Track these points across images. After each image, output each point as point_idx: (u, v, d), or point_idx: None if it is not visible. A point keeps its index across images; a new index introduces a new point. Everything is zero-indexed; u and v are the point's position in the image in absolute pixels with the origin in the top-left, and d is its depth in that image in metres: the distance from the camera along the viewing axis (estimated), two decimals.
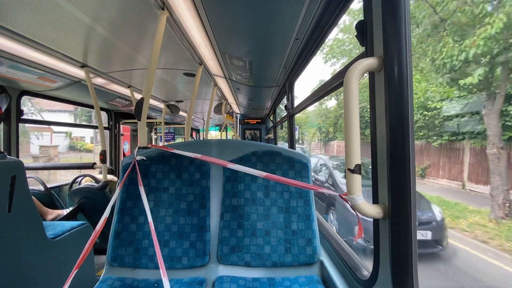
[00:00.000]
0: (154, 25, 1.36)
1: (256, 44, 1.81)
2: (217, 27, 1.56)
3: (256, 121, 7.22)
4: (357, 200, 0.73)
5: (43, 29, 1.46)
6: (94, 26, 1.45)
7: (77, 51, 1.82)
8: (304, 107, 2.13)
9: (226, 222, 1.31)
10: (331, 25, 1.32)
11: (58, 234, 1.74)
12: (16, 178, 1.37)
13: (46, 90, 2.53)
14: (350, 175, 0.72)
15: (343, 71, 1.08)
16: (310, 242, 1.27)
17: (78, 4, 1.22)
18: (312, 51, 1.71)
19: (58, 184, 3.21)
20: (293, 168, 1.36)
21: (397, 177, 0.70)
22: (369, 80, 0.79)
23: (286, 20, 1.40)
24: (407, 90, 0.68)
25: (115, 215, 1.30)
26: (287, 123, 2.77)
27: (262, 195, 1.34)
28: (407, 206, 0.68)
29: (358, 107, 0.71)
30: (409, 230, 0.69)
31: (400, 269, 0.70)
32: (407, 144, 0.68)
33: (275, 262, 1.25)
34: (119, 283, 1.16)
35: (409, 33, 0.68)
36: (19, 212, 1.40)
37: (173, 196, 1.35)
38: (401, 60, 0.68)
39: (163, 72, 2.52)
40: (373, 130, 0.78)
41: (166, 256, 1.25)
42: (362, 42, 0.84)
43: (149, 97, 1.45)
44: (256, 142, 1.52)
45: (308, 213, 1.30)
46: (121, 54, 1.94)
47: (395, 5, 0.68)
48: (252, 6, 1.28)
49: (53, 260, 1.64)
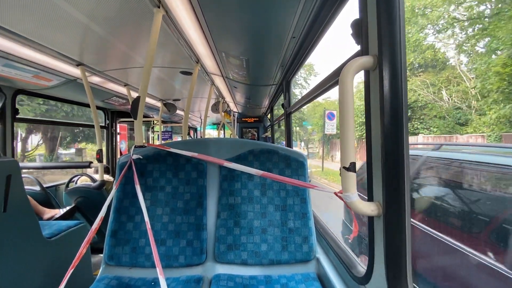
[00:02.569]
0: (150, 23, 1.35)
1: (252, 42, 1.81)
2: (214, 25, 1.55)
3: (254, 119, 7.22)
4: (352, 198, 0.73)
5: (38, 27, 1.44)
6: (89, 24, 1.43)
7: (72, 49, 1.81)
8: (300, 106, 2.13)
9: (222, 220, 1.32)
10: (327, 23, 1.32)
11: (55, 233, 1.73)
12: (11, 178, 1.36)
13: (41, 88, 2.51)
14: (345, 173, 0.72)
15: (338, 69, 1.08)
16: (307, 239, 1.28)
17: (73, 2, 1.21)
18: (309, 50, 1.71)
19: (54, 184, 3.19)
20: (290, 167, 1.36)
21: (391, 175, 0.70)
22: (364, 78, 0.80)
23: (283, 19, 1.40)
24: (401, 89, 0.68)
25: (111, 214, 1.30)
26: (285, 121, 2.78)
27: (259, 194, 1.34)
28: (401, 204, 0.69)
29: (353, 106, 0.72)
30: (403, 227, 0.69)
31: (394, 265, 0.71)
32: (401, 142, 0.69)
33: (271, 259, 1.26)
34: (116, 282, 1.16)
35: (403, 32, 0.68)
36: (15, 211, 1.39)
37: (169, 195, 1.35)
38: (395, 59, 0.68)
39: (159, 70, 2.50)
40: (368, 128, 0.79)
41: (163, 255, 1.25)
42: (357, 40, 0.84)
43: (145, 96, 1.45)
44: (253, 141, 1.53)
45: (305, 211, 1.31)
46: (117, 52, 1.92)
47: (390, 3, 0.68)
48: (248, 4, 1.28)
49: (49, 259, 1.64)
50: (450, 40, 14.03)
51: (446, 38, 14.12)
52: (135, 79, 2.69)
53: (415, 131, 13.39)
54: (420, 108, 14.06)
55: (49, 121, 3.22)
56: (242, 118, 7.21)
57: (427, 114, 13.70)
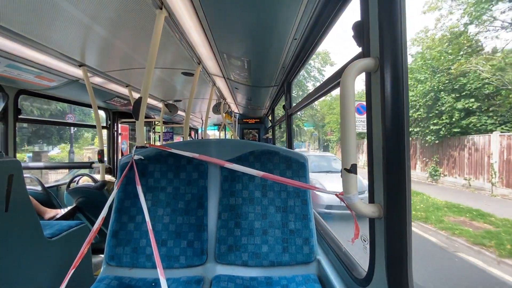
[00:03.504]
0: (152, 24, 1.36)
1: (254, 44, 1.82)
2: (216, 27, 1.56)
3: (255, 120, 7.23)
4: (353, 199, 0.73)
5: (41, 28, 1.45)
6: (92, 25, 1.44)
7: (75, 50, 1.82)
8: (302, 107, 2.13)
9: (223, 221, 1.32)
10: (329, 25, 1.32)
11: (56, 233, 1.73)
12: (13, 178, 1.36)
13: (44, 89, 2.52)
14: (346, 174, 0.72)
15: (340, 71, 1.09)
16: (307, 241, 1.27)
17: (76, 3, 1.22)
18: (310, 52, 1.72)
19: (56, 184, 3.20)
20: (291, 168, 1.36)
21: (392, 177, 0.70)
22: (365, 80, 0.80)
23: (284, 20, 1.40)
24: (403, 91, 0.68)
25: (112, 215, 1.30)
26: (285, 123, 2.78)
27: (260, 195, 1.34)
28: (403, 206, 0.69)
29: (354, 107, 0.72)
30: (404, 229, 0.69)
31: (395, 267, 0.71)
32: (402, 144, 0.69)
33: (272, 261, 1.26)
34: (116, 282, 1.16)
35: (405, 34, 0.69)
36: (16, 211, 1.40)
37: (170, 195, 1.35)
38: (396, 61, 0.68)
39: (161, 71, 2.51)
40: (369, 130, 0.79)
41: (164, 255, 1.25)
42: (358, 42, 0.84)
43: (147, 97, 1.45)
44: (254, 142, 1.53)
45: (306, 212, 1.31)
46: (119, 53, 1.93)
47: (391, 6, 0.68)
48: (250, 6, 1.29)
49: (50, 259, 1.64)
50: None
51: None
52: (137, 80, 2.70)
53: (482, 127, 9.82)
54: (487, 97, 10.27)
55: (51, 121, 3.24)
56: (243, 119, 7.22)
57: (501, 104, 9.84)
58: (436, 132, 11.24)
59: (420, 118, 12.13)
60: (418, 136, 12.33)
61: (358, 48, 0.86)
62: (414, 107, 12.22)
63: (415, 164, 12.63)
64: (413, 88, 12.28)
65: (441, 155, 11.21)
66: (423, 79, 12.15)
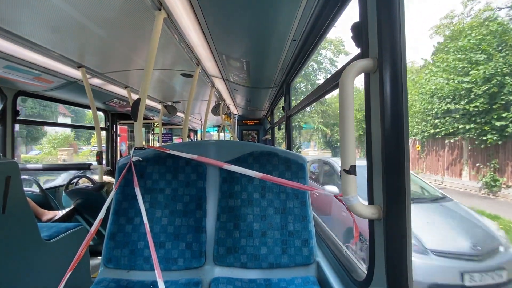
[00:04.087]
0: (151, 25, 1.36)
1: (253, 45, 1.82)
2: (214, 28, 1.56)
3: (254, 122, 7.23)
4: (352, 201, 0.73)
5: (40, 29, 1.45)
6: (91, 27, 1.44)
7: (73, 51, 1.82)
8: (301, 108, 2.13)
9: (222, 223, 1.31)
10: (328, 26, 1.32)
11: (53, 235, 1.72)
12: (10, 179, 1.35)
13: (42, 90, 2.51)
14: (345, 176, 0.72)
15: (339, 72, 1.09)
16: (307, 243, 1.27)
17: (75, 4, 1.22)
18: (309, 53, 1.72)
19: (54, 185, 3.18)
20: (290, 169, 1.36)
21: (392, 178, 0.70)
22: (364, 81, 0.80)
23: (283, 22, 1.40)
24: (402, 91, 0.68)
25: (110, 216, 1.29)
26: (285, 124, 2.78)
27: (259, 196, 1.33)
28: (402, 207, 0.69)
29: (353, 108, 0.72)
30: (404, 231, 0.69)
31: (395, 270, 0.71)
32: (401, 145, 0.69)
33: (271, 263, 1.25)
34: (114, 285, 1.15)
35: (404, 34, 0.69)
36: (14, 213, 1.39)
37: (169, 197, 1.34)
38: (395, 62, 0.68)
39: (160, 72, 2.51)
40: (368, 131, 0.79)
41: (162, 258, 1.24)
42: (357, 43, 0.84)
43: (145, 98, 1.45)
44: (253, 143, 1.53)
45: (305, 214, 1.31)
46: (118, 54, 1.93)
47: (390, 6, 0.68)
48: (249, 8, 1.29)
49: (47, 261, 1.62)
50: None
51: None
52: (136, 81, 2.70)
53: None
54: None
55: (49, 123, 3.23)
56: (242, 121, 7.22)
57: None
58: (501, 129, 8.16)
59: (475, 111, 8.82)
60: (469, 135, 9.11)
61: (357, 49, 0.86)
62: (468, 97, 9.03)
63: (460, 170, 9.56)
64: (464, 75, 9.05)
65: (502, 160, 8.23)
66: (481, 59, 8.92)
